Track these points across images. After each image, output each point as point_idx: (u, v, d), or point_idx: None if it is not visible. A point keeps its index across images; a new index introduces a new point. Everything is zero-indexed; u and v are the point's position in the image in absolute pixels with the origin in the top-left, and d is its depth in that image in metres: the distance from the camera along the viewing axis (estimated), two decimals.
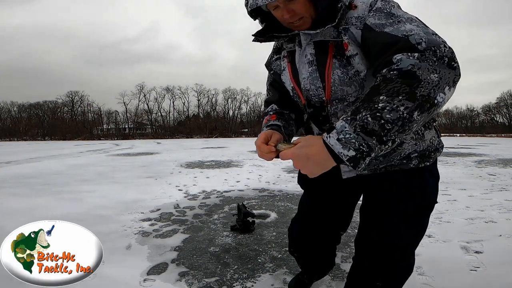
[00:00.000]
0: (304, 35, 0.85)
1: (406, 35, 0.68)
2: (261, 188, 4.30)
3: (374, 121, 0.60)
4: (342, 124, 0.63)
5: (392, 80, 0.62)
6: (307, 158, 0.66)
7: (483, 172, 5.60)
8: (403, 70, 0.62)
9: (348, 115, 0.64)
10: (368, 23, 0.75)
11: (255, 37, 0.90)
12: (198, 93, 57.90)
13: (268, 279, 1.73)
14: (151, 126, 55.84)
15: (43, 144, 27.93)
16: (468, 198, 3.49)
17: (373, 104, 0.61)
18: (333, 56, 0.82)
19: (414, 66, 0.62)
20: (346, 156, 0.61)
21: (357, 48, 0.79)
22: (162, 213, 3.09)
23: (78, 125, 54.27)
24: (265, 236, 2.41)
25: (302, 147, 0.68)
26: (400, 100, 0.60)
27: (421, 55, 0.63)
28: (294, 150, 0.69)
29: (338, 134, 0.62)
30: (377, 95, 0.62)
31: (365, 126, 0.61)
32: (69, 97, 55.95)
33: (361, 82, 0.83)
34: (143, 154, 11.28)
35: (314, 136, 0.69)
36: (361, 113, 0.62)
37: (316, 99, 0.89)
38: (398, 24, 0.71)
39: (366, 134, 0.61)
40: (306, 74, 0.88)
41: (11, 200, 3.74)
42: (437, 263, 1.84)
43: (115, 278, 1.73)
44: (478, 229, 2.42)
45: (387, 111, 0.60)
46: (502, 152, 10.23)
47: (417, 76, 0.61)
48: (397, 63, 0.64)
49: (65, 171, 6.56)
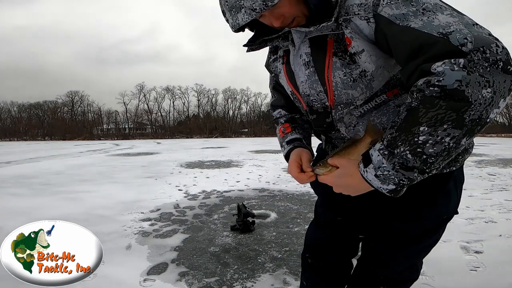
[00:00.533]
0: (297, 33, 0.74)
1: (444, 33, 0.53)
2: (261, 188, 4.30)
3: (414, 158, 0.54)
4: (379, 159, 0.57)
5: (433, 104, 0.51)
6: (347, 186, 0.66)
7: (483, 172, 5.59)
8: (447, 89, 0.49)
9: (384, 146, 0.57)
10: (384, 14, 0.60)
11: (248, 47, 0.80)
12: (198, 93, 57.94)
13: (268, 279, 1.73)
14: (151, 126, 55.85)
15: (43, 144, 27.93)
16: (468, 198, 3.49)
17: (413, 137, 0.53)
18: (333, 53, 0.69)
19: (461, 83, 0.49)
20: (385, 189, 0.59)
21: (363, 43, 0.66)
22: (162, 213, 3.09)
23: (78, 125, 54.28)
24: (265, 236, 2.41)
25: (341, 176, 0.66)
26: (445, 130, 0.51)
27: (469, 61, 0.49)
28: (333, 179, 0.67)
29: (376, 171, 0.58)
30: (417, 125, 0.52)
31: (404, 164, 0.55)
32: (69, 97, 56.00)
33: (368, 83, 0.70)
34: (143, 154, 11.28)
35: (352, 163, 0.65)
36: (399, 147, 0.54)
37: (319, 105, 0.78)
38: (425, 14, 0.57)
39: (407, 170, 0.55)
40: (304, 77, 0.77)
41: (11, 200, 3.74)
42: (437, 263, 1.84)
43: (115, 278, 1.74)
44: (478, 229, 2.43)
45: (429, 145, 0.52)
46: (502, 152, 10.23)
47: (466, 97, 0.49)
48: (438, 76, 0.50)
49: (65, 171, 6.56)
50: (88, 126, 54.34)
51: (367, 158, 0.61)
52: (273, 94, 1.03)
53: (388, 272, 0.88)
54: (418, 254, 0.86)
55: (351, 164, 0.65)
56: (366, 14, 0.63)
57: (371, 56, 0.67)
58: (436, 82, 0.50)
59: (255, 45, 0.79)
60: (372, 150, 0.60)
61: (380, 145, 0.58)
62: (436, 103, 0.51)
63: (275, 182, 4.76)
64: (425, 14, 0.57)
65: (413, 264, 0.89)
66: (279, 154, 10.03)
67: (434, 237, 0.84)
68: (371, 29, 0.63)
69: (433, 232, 0.82)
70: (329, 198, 0.97)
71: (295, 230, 2.54)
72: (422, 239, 0.82)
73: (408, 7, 0.59)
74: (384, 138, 0.58)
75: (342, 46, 0.68)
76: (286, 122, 0.96)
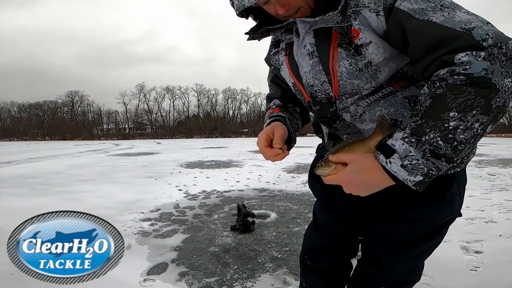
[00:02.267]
0: (302, 23, 0.72)
1: (466, 28, 0.54)
2: (261, 188, 4.30)
3: (446, 144, 0.53)
4: (406, 147, 0.55)
5: (461, 90, 0.52)
6: (363, 184, 0.60)
7: (483, 172, 5.59)
8: (474, 76, 0.51)
9: (409, 134, 0.55)
10: (404, 8, 0.60)
11: (249, 36, 0.80)
12: (198, 93, 58.03)
13: (268, 279, 1.73)
14: (151, 126, 55.89)
15: (43, 144, 27.92)
16: (468, 198, 3.49)
17: (442, 122, 0.52)
18: (338, 44, 0.69)
19: (487, 71, 0.51)
20: (412, 181, 0.55)
21: (371, 35, 0.65)
22: (162, 213, 3.09)
23: (78, 125, 54.31)
24: (265, 236, 2.41)
25: (356, 172, 0.60)
26: (474, 116, 0.52)
27: (489, 54, 0.52)
28: (347, 177, 0.60)
29: (402, 160, 0.55)
30: (446, 110, 0.52)
31: (436, 151, 0.53)
32: (69, 97, 56.09)
33: (374, 73, 0.69)
34: (143, 154, 11.28)
35: (366, 156, 0.60)
36: (428, 134, 0.53)
37: (322, 95, 0.76)
38: (444, 11, 0.58)
39: (437, 158, 0.54)
40: (308, 67, 0.75)
41: (11, 200, 3.74)
42: (437, 263, 1.84)
43: (115, 278, 1.73)
44: (478, 229, 2.43)
45: (461, 131, 0.52)
46: (502, 152, 10.22)
47: (494, 84, 0.51)
48: (464, 65, 0.52)
49: (65, 171, 6.56)
50: (88, 126, 54.37)
51: (386, 149, 0.57)
52: (270, 87, 1.02)
53: (388, 274, 0.87)
54: (421, 255, 0.85)
55: (366, 158, 0.60)
56: (376, 7, 0.63)
57: (379, 48, 0.66)
58: (462, 70, 0.52)
59: (257, 34, 0.78)
60: (392, 140, 0.57)
61: (402, 134, 0.56)
62: (464, 90, 0.51)
63: (275, 182, 4.76)
64: (444, 10, 0.58)
65: (415, 266, 0.88)
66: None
67: (437, 238, 0.83)
68: (380, 22, 0.63)
69: (436, 234, 0.82)
70: (328, 200, 0.96)
71: (295, 230, 2.54)
72: (425, 240, 0.81)
73: (426, 3, 0.59)
74: (405, 127, 0.56)
75: (347, 39, 0.68)
76: (277, 107, 0.95)
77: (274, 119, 0.86)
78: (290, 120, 0.89)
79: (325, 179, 0.64)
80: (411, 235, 0.80)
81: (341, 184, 0.62)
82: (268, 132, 0.79)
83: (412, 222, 0.78)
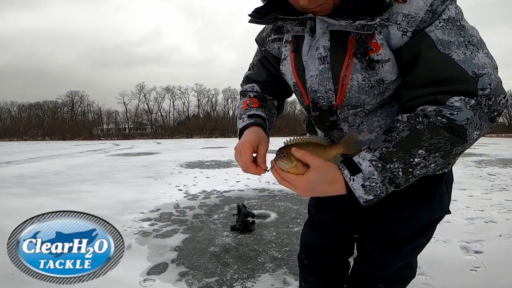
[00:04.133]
0: (322, 22, 0.65)
1: (477, 74, 0.55)
2: (261, 188, 4.30)
3: (403, 176, 0.57)
4: (371, 170, 0.57)
5: (439, 133, 0.55)
6: (321, 193, 0.60)
7: (483, 172, 5.59)
8: (455, 124, 0.54)
9: (377, 158, 0.57)
10: (433, 36, 0.57)
11: (252, 17, 0.71)
12: (198, 93, 58.06)
13: (268, 279, 1.73)
14: (151, 126, 55.89)
15: (43, 144, 27.93)
16: (468, 198, 3.49)
17: (409, 157, 0.56)
18: (353, 54, 0.64)
19: (467, 122, 0.54)
20: (364, 199, 0.58)
21: (390, 52, 0.62)
22: (162, 213, 3.09)
23: (78, 125, 54.33)
24: (265, 236, 2.41)
25: (319, 182, 0.59)
26: (435, 157, 0.56)
27: (477, 104, 0.55)
28: (306, 183, 0.59)
29: (364, 181, 0.57)
30: (417, 147, 0.56)
31: (393, 180, 0.57)
32: (69, 97, 56.11)
33: (383, 91, 0.68)
34: (143, 154, 11.28)
35: (330, 167, 0.60)
36: (394, 163, 0.56)
37: (324, 103, 0.73)
38: (468, 48, 0.57)
39: (390, 184, 0.58)
40: (315, 71, 0.70)
41: (11, 200, 3.74)
42: (437, 263, 1.84)
43: (115, 278, 1.73)
44: (478, 229, 2.43)
45: (419, 167, 0.57)
46: (502, 152, 10.22)
47: (466, 135, 0.55)
48: (451, 110, 0.55)
49: (65, 171, 6.56)
50: (88, 126, 54.39)
51: (352, 165, 0.59)
52: (254, 67, 0.93)
53: (384, 271, 0.88)
54: (413, 252, 0.87)
55: (331, 169, 0.59)
56: (407, 27, 0.59)
57: (394, 67, 0.64)
58: (448, 114, 0.55)
59: (263, 19, 0.70)
60: (359, 158, 0.59)
61: (371, 155, 0.58)
62: (441, 133, 0.55)
63: (275, 182, 4.75)
64: (469, 48, 0.57)
65: (408, 262, 0.89)
66: None
67: (427, 236, 0.85)
68: (401, 41, 0.61)
69: (426, 231, 0.84)
70: (322, 199, 0.96)
71: (295, 230, 2.54)
72: (416, 238, 0.83)
73: (457, 36, 0.58)
74: (375, 149, 0.58)
75: (362, 48, 0.63)
76: (255, 98, 0.87)
77: (254, 122, 0.79)
78: (269, 121, 0.85)
79: (282, 174, 0.60)
80: (403, 232, 0.82)
81: (296, 187, 0.60)
82: (253, 143, 0.71)
83: (404, 220, 0.80)
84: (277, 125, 53.43)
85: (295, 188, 0.60)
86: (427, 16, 0.58)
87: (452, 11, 0.58)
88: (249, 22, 0.73)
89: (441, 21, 0.58)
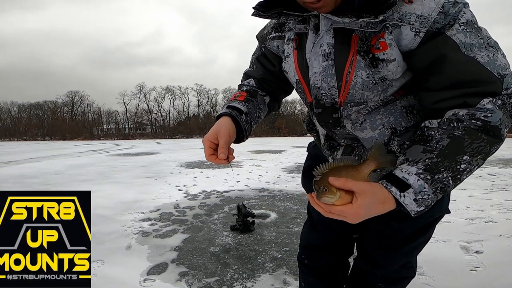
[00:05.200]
0: (326, 20, 0.65)
1: (502, 74, 0.57)
2: (261, 188, 4.29)
3: (454, 183, 0.58)
4: (421, 183, 0.56)
5: (477, 137, 0.56)
6: (374, 214, 0.58)
7: (483, 172, 5.59)
8: (490, 125, 0.56)
9: (423, 170, 0.57)
10: (456, 40, 0.58)
11: (255, 11, 0.71)
12: (198, 93, 58.04)
13: (268, 279, 1.73)
14: (151, 126, 55.89)
15: (43, 144, 27.93)
16: (468, 198, 3.49)
17: (456, 164, 0.57)
18: (356, 51, 0.65)
19: (501, 122, 0.56)
20: (415, 211, 0.57)
21: (397, 53, 0.63)
22: (162, 213, 3.09)
23: (78, 125, 54.32)
24: (265, 236, 2.41)
25: (372, 204, 0.56)
26: (477, 160, 0.57)
27: (503, 103, 0.57)
28: (361, 210, 0.55)
29: (416, 195, 0.57)
30: (461, 153, 0.57)
31: (445, 189, 0.58)
32: (69, 97, 56.10)
33: (386, 88, 0.68)
34: (143, 154, 11.28)
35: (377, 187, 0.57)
36: (442, 173, 0.57)
37: (327, 100, 0.73)
38: (489, 50, 0.59)
39: (442, 193, 0.58)
40: (319, 68, 0.70)
41: None
42: (437, 263, 1.84)
43: (115, 278, 1.74)
44: (478, 229, 2.42)
45: (466, 172, 0.58)
46: (502, 152, 10.22)
47: (501, 134, 0.57)
48: (485, 112, 0.56)
49: (65, 171, 6.56)
50: (88, 126, 54.38)
51: (398, 182, 0.57)
52: (253, 65, 0.94)
53: (384, 271, 0.89)
54: (413, 251, 0.87)
55: (378, 189, 0.57)
56: (420, 28, 0.59)
57: (398, 67, 0.65)
58: (482, 117, 0.56)
59: (267, 14, 0.71)
60: (403, 173, 0.58)
61: (416, 169, 0.57)
62: (479, 136, 0.56)
63: (275, 182, 4.76)
64: (489, 50, 0.59)
65: (408, 262, 0.90)
66: (279, 154, 10.04)
67: (426, 235, 0.85)
68: (414, 42, 0.61)
69: (426, 231, 0.84)
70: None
71: (295, 230, 2.54)
72: (416, 237, 0.83)
73: (477, 38, 0.59)
74: (417, 161, 0.58)
75: (366, 46, 0.64)
76: (245, 91, 0.88)
77: (227, 112, 0.80)
78: (250, 114, 0.84)
79: (329, 209, 0.57)
80: (403, 232, 0.82)
81: (352, 218, 0.56)
82: (211, 138, 0.74)
83: (404, 220, 0.80)
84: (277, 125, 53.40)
85: (345, 218, 0.57)
86: (440, 18, 0.59)
87: (469, 14, 0.60)
88: (252, 15, 0.72)
89: (461, 25, 0.59)
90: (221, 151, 0.72)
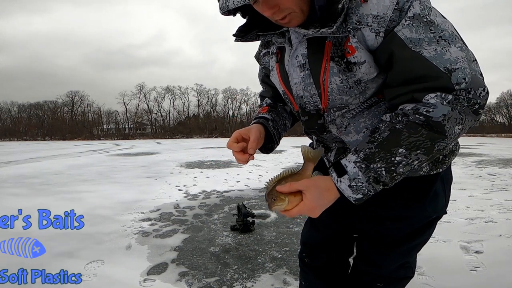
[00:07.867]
0: (295, 33, 0.69)
1: (449, 69, 0.56)
2: (261, 188, 4.29)
3: (387, 174, 0.59)
4: (355, 171, 0.60)
5: (416, 131, 0.57)
6: (327, 204, 0.63)
7: (483, 172, 5.59)
8: (432, 120, 0.56)
9: (361, 159, 0.60)
10: (401, 36, 0.59)
11: (236, 37, 0.74)
12: (198, 93, 57.98)
13: (268, 279, 1.73)
14: (151, 126, 55.86)
15: (43, 144, 27.93)
16: (468, 198, 3.49)
17: (391, 156, 0.58)
18: (330, 58, 0.67)
19: (445, 117, 0.56)
20: (353, 198, 0.61)
21: (366, 54, 0.64)
22: (162, 213, 3.09)
23: (78, 125, 54.27)
24: (265, 236, 2.41)
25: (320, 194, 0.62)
26: (417, 154, 0.58)
27: (455, 98, 0.56)
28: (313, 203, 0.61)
29: (350, 181, 0.60)
30: (397, 146, 0.58)
31: (378, 178, 0.60)
32: (69, 97, 56.01)
33: (363, 90, 0.70)
34: (143, 154, 11.28)
35: (318, 178, 0.64)
36: (376, 163, 0.59)
37: (311, 107, 0.76)
38: (440, 44, 0.58)
39: (376, 183, 0.60)
40: (298, 79, 0.74)
41: (11, 200, 3.74)
42: (437, 263, 1.84)
43: (115, 278, 1.74)
44: (478, 229, 2.42)
45: (402, 165, 0.59)
46: (502, 152, 10.22)
47: (444, 131, 0.56)
48: (427, 107, 0.56)
49: (65, 171, 6.56)
50: (88, 126, 54.34)
51: (339, 167, 0.62)
52: (262, 86, 1.02)
53: (382, 271, 0.89)
54: (410, 252, 0.88)
55: (320, 179, 0.63)
56: (379, 28, 0.60)
57: (371, 68, 0.65)
58: (424, 111, 0.56)
59: (246, 38, 0.74)
60: (345, 161, 0.62)
61: (355, 157, 0.61)
62: (419, 130, 0.57)
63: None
64: (440, 44, 0.58)
65: (406, 262, 0.90)
66: (279, 154, 10.04)
67: (424, 236, 0.85)
68: (377, 42, 0.62)
69: (423, 231, 0.84)
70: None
71: (295, 230, 2.54)
72: (413, 238, 0.83)
73: (427, 33, 0.59)
74: (360, 150, 0.61)
75: (340, 51, 0.66)
76: (267, 106, 0.95)
77: (256, 121, 0.86)
78: (275, 121, 0.89)
79: (288, 213, 0.62)
80: (399, 232, 0.83)
81: (309, 212, 0.62)
82: (243, 133, 0.77)
83: (398, 220, 0.81)
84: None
85: (308, 214, 0.63)
86: (395, 15, 0.59)
87: (417, 8, 0.59)
88: (235, 41, 0.76)
89: (407, 19, 0.59)
90: (251, 146, 0.75)
